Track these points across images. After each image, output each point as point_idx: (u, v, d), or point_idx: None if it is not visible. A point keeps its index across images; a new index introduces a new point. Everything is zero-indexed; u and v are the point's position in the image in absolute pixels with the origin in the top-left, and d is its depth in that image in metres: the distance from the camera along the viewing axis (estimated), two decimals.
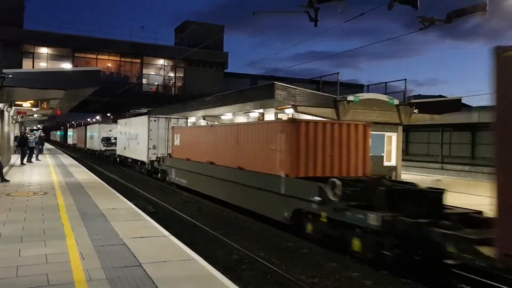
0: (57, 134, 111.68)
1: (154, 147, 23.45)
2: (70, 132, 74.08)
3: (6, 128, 22.01)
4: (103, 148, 40.13)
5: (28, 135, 28.08)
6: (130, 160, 28.77)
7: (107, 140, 40.19)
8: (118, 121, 33.19)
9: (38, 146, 29.79)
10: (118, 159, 32.80)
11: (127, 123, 29.95)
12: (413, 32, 11.35)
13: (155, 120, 23.86)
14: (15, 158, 27.32)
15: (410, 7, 9.66)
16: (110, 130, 40.65)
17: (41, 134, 41.27)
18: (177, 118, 24.16)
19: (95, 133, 42.71)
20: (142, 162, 25.24)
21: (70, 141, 71.16)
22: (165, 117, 24.28)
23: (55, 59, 42.37)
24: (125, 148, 30.02)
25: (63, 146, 76.24)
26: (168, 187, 20.11)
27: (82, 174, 19.70)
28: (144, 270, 5.80)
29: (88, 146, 48.97)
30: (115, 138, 37.74)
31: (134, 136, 26.59)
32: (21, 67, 35.64)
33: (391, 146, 21.68)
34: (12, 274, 5.54)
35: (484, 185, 18.16)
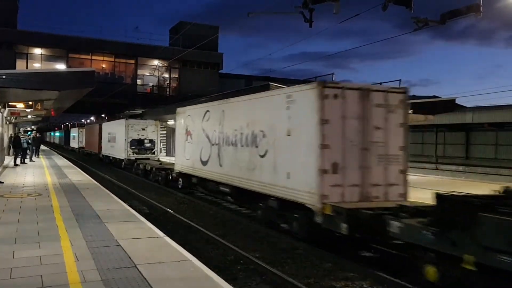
0: (55, 136, 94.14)
1: (334, 169, 9.11)
2: (74, 132, 58.44)
3: None
4: (132, 156, 27.57)
5: (21, 136, 27.93)
6: (220, 188, 14.15)
7: (139, 144, 28.02)
8: (179, 110, 18.41)
9: (31, 147, 29.64)
10: (180, 180, 18.40)
11: (211, 110, 14.91)
12: (407, 33, 11.40)
13: (337, 97, 9.26)
14: (9, 160, 27.16)
15: (403, 8, 9.70)
16: (144, 129, 28.35)
17: (37, 135, 38.73)
18: (385, 91, 9.83)
19: (119, 134, 29.41)
20: (290, 206, 10.04)
21: (74, 144, 55.74)
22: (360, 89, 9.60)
23: (49, 59, 42.20)
24: (205, 162, 15.06)
25: (63, 150, 63.37)
26: (163, 187, 20.00)
27: (76, 175, 19.62)
28: (139, 271, 5.79)
29: (105, 152, 34.76)
30: (151, 141, 28.28)
31: (248, 138, 11.99)
32: (14, 68, 35.50)
33: None
34: (6, 276, 5.50)
35: (477, 184, 18.22)
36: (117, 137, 30.29)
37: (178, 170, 18.07)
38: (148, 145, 28.07)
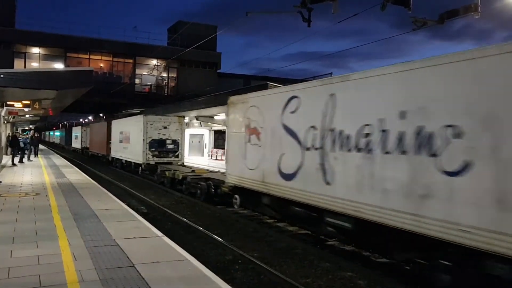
0: (54, 135, 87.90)
1: None
2: (76, 131, 52.84)
3: None
4: (151, 160, 22.89)
5: (19, 136, 27.92)
6: (326, 219, 9.01)
7: (159, 146, 23.08)
8: (234, 100, 13.31)
9: (29, 146, 29.63)
10: (236, 198, 13.50)
11: (303, 96, 9.92)
12: (406, 32, 11.43)
13: None
14: (7, 159, 27.12)
15: (400, 7, 9.73)
16: (165, 127, 23.22)
17: (35, 135, 37.37)
18: None
19: (135, 133, 24.37)
20: None
21: (76, 144, 50.77)
22: None
23: (47, 59, 42.15)
24: (290, 176, 10.07)
25: (64, 150, 58.70)
26: (161, 187, 20.00)
27: (74, 175, 19.59)
28: (137, 271, 5.78)
29: (116, 154, 29.86)
30: (174, 142, 23.18)
31: (406, 139, 6.99)
32: (12, 67, 35.45)
33: None
34: (4, 275, 5.49)
35: None
36: (132, 137, 25.29)
37: (232, 183, 13.00)
38: (170, 146, 23.19)
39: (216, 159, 36.76)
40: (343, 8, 10.17)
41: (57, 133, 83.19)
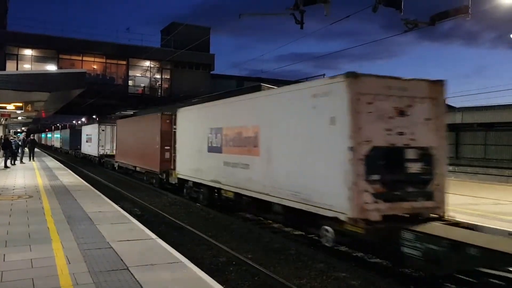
0: (53, 137, 73.18)
1: None
2: (89, 131, 37.65)
3: None
4: (372, 210, 7.49)
5: (11, 138, 27.73)
6: None
7: (390, 166, 7.81)
8: None
9: (21, 149, 29.41)
10: None
11: None
12: (397, 34, 11.50)
13: None
14: None
15: (391, 9, 9.81)
16: (403, 112, 7.92)
17: (31, 137, 35.84)
18: None
19: (300, 127, 9.00)
20: None
21: (90, 149, 36.50)
22: None
23: (39, 61, 41.91)
24: None
25: (69, 157, 46.11)
26: (157, 189, 19.95)
27: (67, 177, 19.50)
28: (131, 274, 5.78)
29: (196, 174, 14.63)
30: (423, 154, 8.02)
31: None
32: (4, 69, 35.23)
33: None
34: None
35: (466, 184, 18.37)
36: (278, 141, 10.06)
37: None
38: (416, 167, 8.12)
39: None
40: (335, 10, 10.23)
41: (57, 135, 66.84)
